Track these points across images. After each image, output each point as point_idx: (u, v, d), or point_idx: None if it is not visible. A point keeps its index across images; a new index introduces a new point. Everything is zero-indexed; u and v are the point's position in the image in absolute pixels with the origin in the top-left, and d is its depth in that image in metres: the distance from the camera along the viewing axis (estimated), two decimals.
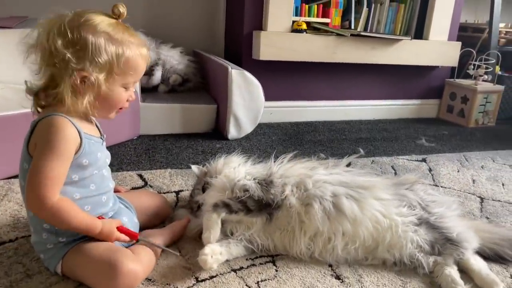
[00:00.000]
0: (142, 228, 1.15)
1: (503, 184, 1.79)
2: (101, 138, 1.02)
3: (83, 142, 0.93)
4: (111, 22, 0.93)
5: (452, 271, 1.06)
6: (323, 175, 1.19)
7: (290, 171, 1.21)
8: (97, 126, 1.04)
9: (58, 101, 0.90)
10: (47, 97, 0.92)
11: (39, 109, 0.95)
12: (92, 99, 0.92)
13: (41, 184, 0.87)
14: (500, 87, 2.84)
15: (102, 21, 0.91)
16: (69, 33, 0.87)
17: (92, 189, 0.98)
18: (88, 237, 0.98)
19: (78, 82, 0.89)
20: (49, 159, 0.87)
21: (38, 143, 0.89)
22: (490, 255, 1.17)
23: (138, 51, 0.96)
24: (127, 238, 1.03)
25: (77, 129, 0.92)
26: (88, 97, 0.91)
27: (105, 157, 1.02)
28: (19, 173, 0.96)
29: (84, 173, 0.96)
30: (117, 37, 0.92)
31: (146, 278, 1.01)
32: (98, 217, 1.00)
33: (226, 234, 1.14)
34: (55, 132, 0.88)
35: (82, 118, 0.96)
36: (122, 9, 0.95)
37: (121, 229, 1.02)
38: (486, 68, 2.80)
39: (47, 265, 1.00)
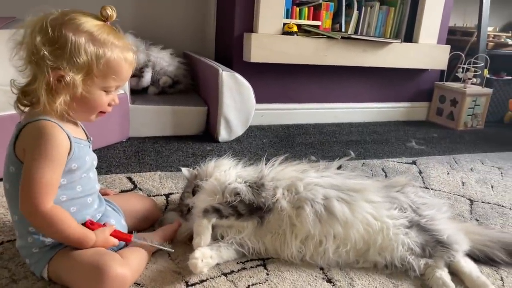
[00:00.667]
0: (131, 232, 1.13)
1: (492, 186, 1.80)
2: (88, 141, 1.00)
3: (73, 146, 0.91)
4: (97, 23, 0.91)
5: (443, 274, 1.07)
6: (314, 178, 1.19)
7: (281, 174, 1.20)
8: (83, 129, 1.02)
9: (37, 99, 0.88)
10: (27, 95, 0.90)
11: (23, 108, 0.92)
12: (69, 100, 0.90)
13: (35, 192, 0.86)
14: (489, 90, 2.87)
15: (86, 21, 0.89)
16: (50, 31, 0.85)
17: (78, 191, 0.97)
18: None
19: (53, 80, 0.87)
20: (42, 166, 0.86)
21: (28, 149, 0.87)
22: (480, 257, 1.18)
23: (122, 55, 0.93)
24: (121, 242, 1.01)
25: (67, 134, 0.90)
26: (64, 97, 0.89)
27: (92, 159, 1.01)
28: (3, 176, 0.94)
29: (73, 176, 0.94)
30: (99, 38, 0.89)
31: (135, 283, 1.00)
32: (89, 221, 0.99)
33: (216, 238, 1.12)
34: (46, 139, 0.86)
35: (67, 121, 0.94)
36: (111, 11, 0.92)
37: (115, 234, 1.00)
38: (475, 71, 2.83)
39: (33, 270, 0.98)
